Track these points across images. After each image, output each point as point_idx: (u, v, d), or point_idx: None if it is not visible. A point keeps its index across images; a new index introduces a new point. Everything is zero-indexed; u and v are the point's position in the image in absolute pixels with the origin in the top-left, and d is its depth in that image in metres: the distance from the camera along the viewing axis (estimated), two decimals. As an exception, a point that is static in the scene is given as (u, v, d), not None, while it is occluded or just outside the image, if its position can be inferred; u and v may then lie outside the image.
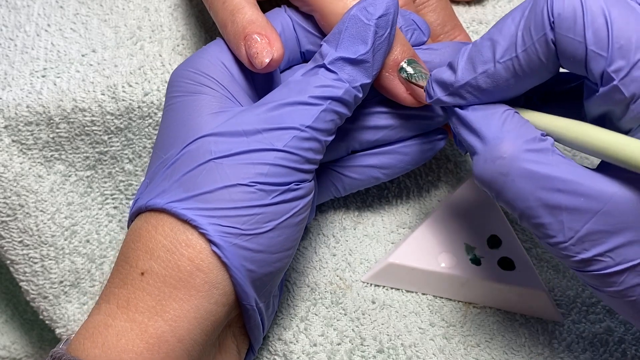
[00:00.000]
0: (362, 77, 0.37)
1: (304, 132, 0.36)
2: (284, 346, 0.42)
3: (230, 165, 0.35)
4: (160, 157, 0.37)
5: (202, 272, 0.34)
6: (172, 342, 0.33)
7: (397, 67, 0.39)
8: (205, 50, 0.40)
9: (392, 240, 0.46)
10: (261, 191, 0.35)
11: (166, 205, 0.35)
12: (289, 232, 0.36)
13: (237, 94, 0.39)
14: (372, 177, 0.43)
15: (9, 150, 0.46)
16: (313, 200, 0.43)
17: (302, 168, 0.36)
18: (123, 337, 0.33)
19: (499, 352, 0.42)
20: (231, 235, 0.34)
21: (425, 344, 0.42)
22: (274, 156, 0.35)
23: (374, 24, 0.37)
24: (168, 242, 0.34)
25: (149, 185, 0.37)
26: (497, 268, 0.43)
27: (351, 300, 0.43)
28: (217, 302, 0.34)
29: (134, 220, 0.37)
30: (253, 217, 0.34)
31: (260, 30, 0.38)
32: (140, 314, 0.34)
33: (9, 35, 0.49)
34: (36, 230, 0.47)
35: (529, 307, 0.43)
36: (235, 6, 0.39)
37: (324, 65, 0.37)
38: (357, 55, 0.37)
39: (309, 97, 0.36)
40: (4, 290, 0.59)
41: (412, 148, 0.43)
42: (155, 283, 0.34)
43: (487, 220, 0.44)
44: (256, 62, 0.38)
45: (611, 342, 0.42)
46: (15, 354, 0.59)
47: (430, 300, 0.44)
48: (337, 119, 0.37)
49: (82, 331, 0.34)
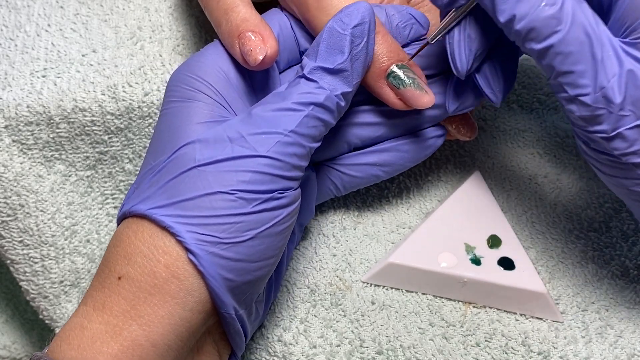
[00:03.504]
0: (342, 85, 0.38)
1: (288, 136, 0.36)
2: (284, 347, 0.42)
3: (212, 173, 0.35)
4: (150, 163, 0.37)
5: (178, 279, 0.34)
6: (146, 346, 0.33)
7: (384, 74, 0.40)
8: (203, 53, 0.40)
9: (392, 240, 0.46)
10: (242, 199, 0.34)
11: (147, 212, 0.35)
12: (270, 241, 0.36)
13: (232, 100, 0.39)
14: (372, 175, 0.43)
15: (9, 150, 0.46)
16: (312, 202, 0.43)
17: (286, 175, 0.36)
18: (98, 340, 0.33)
19: (498, 351, 0.42)
20: (208, 243, 0.34)
21: (425, 344, 0.42)
22: (257, 163, 0.35)
23: (350, 34, 0.37)
24: (145, 248, 0.34)
25: (135, 191, 0.37)
26: (497, 268, 0.43)
27: (351, 302, 0.43)
28: (193, 309, 0.34)
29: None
30: (232, 226, 0.34)
31: (254, 28, 0.39)
32: (115, 317, 0.34)
33: (10, 35, 0.49)
34: (36, 230, 0.47)
35: (529, 307, 0.43)
36: (229, 5, 0.40)
37: (304, 76, 0.38)
38: (335, 65, 0.37)
39: (292, 103, 0.36)
40: (4, 290, 0.59)
41: (412, 145, 0.43)
42: (130, 288, 0.34)
43: (487, 220, 0.44)
44: (250, 59, 0.38)
45: (610, 340, 0.42)
46: (16, 354, 0.59)
47: (430, 300, 0.44)
48: (321, 126, 0.37)
49: (60, 333, 0.34)
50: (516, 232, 0.45)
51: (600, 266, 0.45)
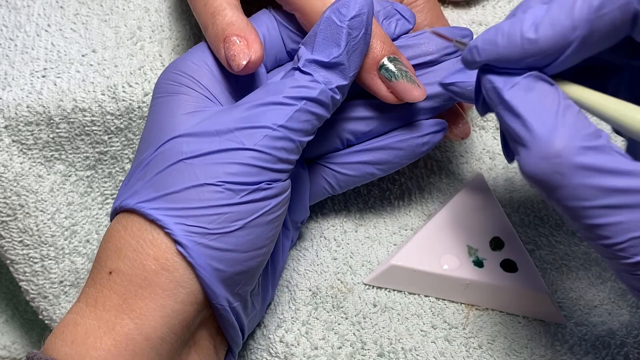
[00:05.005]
0: (337, 79, 0.37)
1: (276, 131, 0.36)
2: (285, 348, 0.42)
3: (199, 165, 0.35)
4: (138, 158, 0.38)
5: (167, 271, 0.34)
6: (139, 340, 0.34)
7: (377, 66, 0.39)
8: (190, 52, 0.41)
9: (394, 242, 0.46)
10: (229, 190, 0.35)
11: (135, 206, 0.35)
12: (260, 231, 0.36)
13: (217, 94, 0.39)
14: (367, 173, 0.43)
15: (9, 150, 0.46)
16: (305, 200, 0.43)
17: (274, 167, 0.36)
18: (91, 335, 0.33)
19: (501, 354, 0.42)
20: (197, 234, 0.34)
21: (426, 347, 0.42)
22: (243, 155, 0.35)
23: (347, 26, 0.37)
24: (135, 242, 0.35)
25: (125, 186, 0.37)
26: (500, 270, 0.43)
27: (352, 304, 0.43)
28: (184, 301, 0.35)
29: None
30: (220, 217, 0.35)
31: (239, 32, 0.38)
32: (107, 312, 0.34)
33: (9, 36, 0.49)
34: (36, 230, 0.47)
35: (532, 309, 0.43)
36: (216, 8, 0.40)
37: (298, 68, 0.37)
38: (331, 59, 0.37)
39: (283, 97, 0.36)
40: (4, 290, 0.59)
41: (407, 142, 0.42)
42: (122, 282, 0.34)
43: (489, 222, 0.44)
44: (233, 64, 0.38)
45: (613, 345, 0.42)
46: (16, 354, 0.59)
47: (432, 302, 0.44)
48: (314, 120, 0.37)
49: (55, 330, 0.35)
50: (519, 234, 0.45)
51: (603, 269, 0.45)
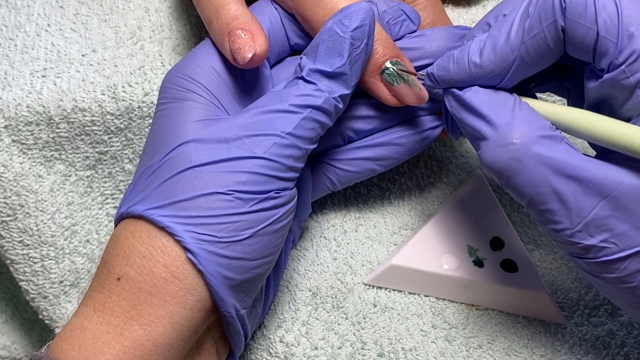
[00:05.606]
0: (340, 88, 0.38)
1: (285, 138, 0.36)
2: (285, 348, 0.42)
3: (209, 174, 0.35)
4: (145, 164, 0.37)
5: (177, 278, 0.34)
6: (147, 346, 0.34)
7: (379, 70, 0.39)
8: (195, 53, 0.40)
9: (394, 242, 0.46)
10: (239, 199, 0.35)
11: (144, 212, 0.35)
12: (268, 239, 0.36)
13: (225, 100, 0.39)
14: (368, 169, 0.43)
15: (9, 150, 0.46)
16: (308, 197, 0.43)
17: (283, 176, 0.36)
18: (99, 340, 0.33)
19: (501, 354, 0.42)
20: (207, 242, 0.34)
21: (427, 347, 0.42)
22: (253, 164, 0.35)
23: (350, 37, 0.37)
24: (144, 249, 0.35)
25: (132, 192, 0.37)
26: (500, 270, 0.43)
27: (352, 304, 0.43)
28: (193, 308, 0.35)
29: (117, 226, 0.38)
30: (230, 225, 0.35)
31: (244, 25, 0.38)
32: (116, 318, 0.34)
33: (9, 35, 0.49)
34: (36, 230, 0.47)
35: (532, 309, 0.43)
36: (220, 3, 0.40)
37: (302, 77, 0.37)
38: (334, 69, 0.37)
39: (290, 105, 0.36)
40: (4, 290, 0.59)
41: (407, 138, 0.42)
42: (130, 288, 0.34)
43: (489, 222, 0.44)
44: (239, 57, 0.38)
45: (613, 345, 0.42)
46: (15, 354, 0.59)
47: (432, 302, 0.44)
48: (319, 128, 0.37)
49: (61, 334, 0.35)
50: (519, 234, 0.44)
51: (603, 268, 0.45)
